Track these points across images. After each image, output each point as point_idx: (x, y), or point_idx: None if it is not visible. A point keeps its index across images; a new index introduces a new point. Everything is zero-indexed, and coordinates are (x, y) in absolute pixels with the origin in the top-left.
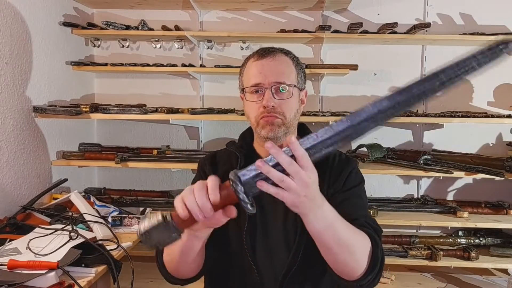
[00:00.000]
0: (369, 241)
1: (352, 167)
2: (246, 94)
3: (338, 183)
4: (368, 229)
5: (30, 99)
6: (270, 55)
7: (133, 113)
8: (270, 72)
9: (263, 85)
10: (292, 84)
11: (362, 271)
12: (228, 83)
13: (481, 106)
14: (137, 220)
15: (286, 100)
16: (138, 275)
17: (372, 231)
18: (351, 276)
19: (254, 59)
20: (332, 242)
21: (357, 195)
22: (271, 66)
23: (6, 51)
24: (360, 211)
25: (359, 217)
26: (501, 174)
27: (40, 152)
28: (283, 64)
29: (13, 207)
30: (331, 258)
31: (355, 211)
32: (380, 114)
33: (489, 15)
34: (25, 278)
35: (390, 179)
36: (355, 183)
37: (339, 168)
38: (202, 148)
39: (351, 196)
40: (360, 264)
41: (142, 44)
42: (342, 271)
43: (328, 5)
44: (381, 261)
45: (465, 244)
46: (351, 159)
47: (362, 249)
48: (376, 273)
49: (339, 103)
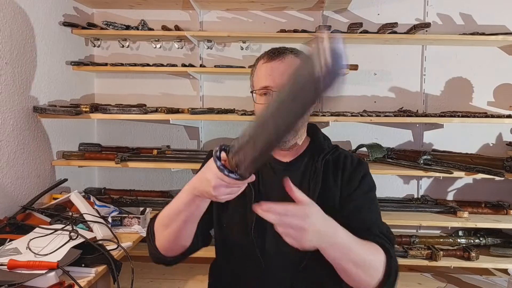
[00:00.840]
0: (383, 255)
1: (366, 170)
2: (256, 96)
3: (351, 185)
4: (382, 239)
5: (30, 99)
6: (279, 57)
7: (133, 113)
8: (278, 75)
9: (271, 88)
10: None
11: (376, 283)
12: (228, 83)
13: (481, 106)
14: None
15: None
16: (138, 275)
17: (386, 242)
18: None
19: (264, 61)
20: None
21: (372, 201)
22: (280, 69)
23: (6, 51)
24: (374, 219)
25: (374, 226)
26: (501, 174)
27: (40, 152)
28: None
29: (13, 207)
30: (345, 276)
31: (370, 218)
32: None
33: (489, 15)
34: (25, 278)
35: (390, 179)
36: (370, 188)
37: (352, 170)
38: (202, 148)
39: (366, 201)
40: (374, 279)
41: (142, 44)
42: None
43: (328, 5)
44: (396, 272)
45: (465, 244)
46: (363, 162)
47: (377, 265)
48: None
49: (339, 103)
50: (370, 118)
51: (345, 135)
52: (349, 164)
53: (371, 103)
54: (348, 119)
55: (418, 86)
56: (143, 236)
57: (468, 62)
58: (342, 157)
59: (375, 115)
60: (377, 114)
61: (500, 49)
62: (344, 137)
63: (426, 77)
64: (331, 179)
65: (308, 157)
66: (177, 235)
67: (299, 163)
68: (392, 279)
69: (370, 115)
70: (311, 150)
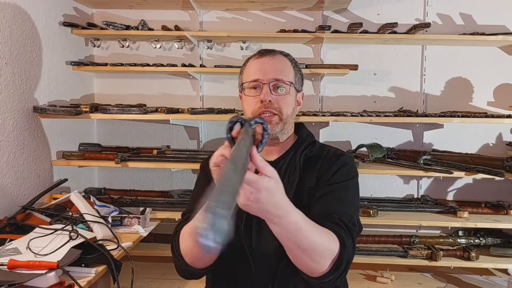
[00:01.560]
0: (337, 243)
1: (345, 162)
2: (245, 90)
3: (326, 175)
4: (341, 228)
5: (30, 99)
6: (270, 54)
7: (133, 113)
8: (269, 69)
9: (261, 81)
10: (289, 82)
11: (323, 271)
12: (228, 83)
13: (481, 106)
14: (137, 220)
15: (283, 96)
16: (138, 275)
17: (344, 231)
18: (311, 274)
19: (255, 58)
20: (293, 247)
21: (343, 189)
22: (270, 64)
23: (6, 51)
24: (339, 207)
25: (335, 213)
26: (501, 174)
27: (40, 152)
28: (282, 63)
29: (13, 207)
30: (292, 257)
31: (334, 206)
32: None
33: (489, 15)
34: (25, 278)
35: (390, 179)
36: (345, 178)
37: (330, 162)
38: (202, 148)
39: (335, 189)
40: (321, 266)
41: (142, 44)
42: (302, 268)
43: (328, 5)
44: (347, 262)
45: (465, 244)
46: (346, 154)
47: (326, 253)
48: (340, 274)
49: (339, 103)
50: (370, 118)
51: (345, 135)
52: (328, 157)
53: (371, 103)
54: (348, 119)
55: (418, 86)
56: (143, 236)
57: (468, 62)
58: (324, 152)
59: (375, 115)
60: (377, 114)
61: (500, 49)
62: (344, 137)
63: (426, 77)
64: (309, 174)
65: (291, 154)
66: None
67: (283, 160)
68: (341, 268)
69: (370, 115)
70: (295, 147)
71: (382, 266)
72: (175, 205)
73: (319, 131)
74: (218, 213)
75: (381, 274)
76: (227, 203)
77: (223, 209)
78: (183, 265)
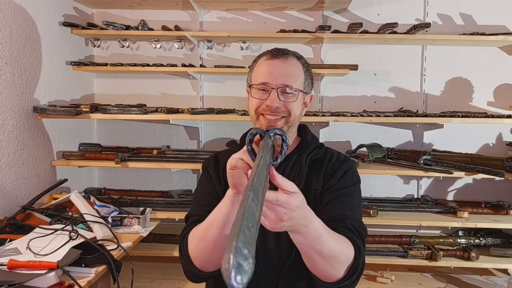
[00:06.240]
0: (352, 250)
1: (349, 167)
2: (253, 90)
3: (332, 181)
4: (354, 234)
5: (30, 99)
6: (282, 56)
7: (133, 113)
8: (280, 73)
9: (270, 85)
10: (298, 89)
11: (340, 276)
12: (228, 83)
13: (481, 106)
14: (137, 220)
15: (290, 103)
16: (138, 275)
17: (357, 238)
18: (327, 280)
19: (267, 58)
20: (313, 254)
21: (350, 195)
22: (281, 68)
23: (6, 51)
24: (349, 212)
25: (347, 218)
26: (501, 174)
27: (40, 152)
28: (293, 68)
29: (13, 207)
30: (310, 264)
31: (344, 211)
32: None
33: (489, 15)
34: (25, 278)
35: (390, 179)
36: (351, 183)
37: (335, 166)
38: (202, 148)
39: (343, 195)
40: (339, 272)
41: (142, 44)
42: (319, 274)
43: (328, 5)
44: (361, 268)
45: (465, 244)
46: (349, 159)
47: (344, 259)
48: (354, 279)
49: (339, 103)
50: (370, 118)
51: (345, 135)
52: (333, 161)
53: (371, 103)
54: (348, 119)
55: (418, 86)
56: (143, 236)
57: (468, 62)
58: (328, 156)
59: (375, 115)
60: (377, 114)
61: (500, 49)
62: (344, 137)
63: (426, 77)
64: (315, 177)
65: (295, 157)
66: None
67: (287, 162)
68: (357, 273)
69: (370, 115)
70: (299, 150)
71: (382, 266)
72: (175, 205)
73: (319, 131)
74: (243, 253)
75: (381, 274)
76: (251, 240)
77: (247, 248)
78: (192, 269)
